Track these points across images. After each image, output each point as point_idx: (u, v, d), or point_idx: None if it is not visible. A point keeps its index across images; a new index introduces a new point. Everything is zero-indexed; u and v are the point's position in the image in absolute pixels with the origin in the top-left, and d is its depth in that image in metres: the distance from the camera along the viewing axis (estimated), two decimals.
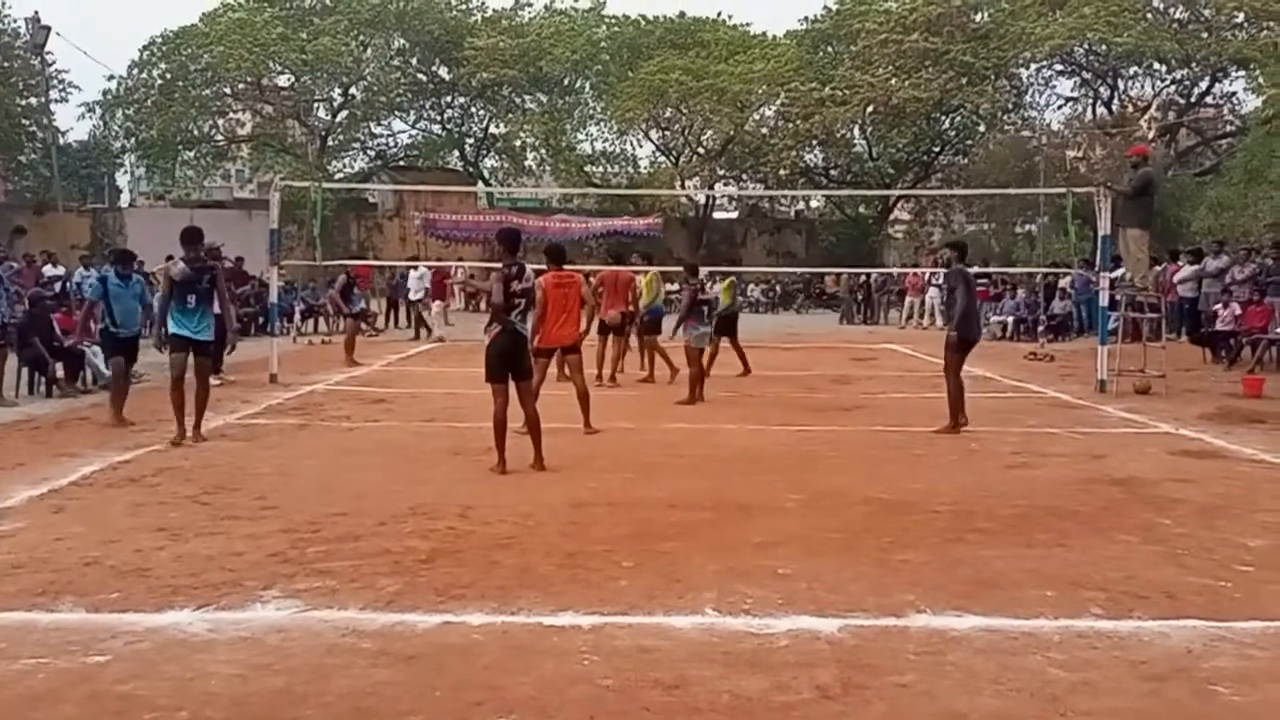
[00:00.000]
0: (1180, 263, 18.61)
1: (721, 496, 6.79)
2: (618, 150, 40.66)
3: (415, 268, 21.63)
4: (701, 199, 39.20)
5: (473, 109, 41.07)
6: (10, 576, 5.03)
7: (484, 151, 42.03)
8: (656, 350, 13.28)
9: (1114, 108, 35.32)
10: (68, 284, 19.48)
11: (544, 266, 9.33)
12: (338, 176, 37.66)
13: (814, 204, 43.20)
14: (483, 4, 40.46)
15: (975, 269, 25.34)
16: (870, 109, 34.65)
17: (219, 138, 39.84)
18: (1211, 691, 3.80)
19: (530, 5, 40.11)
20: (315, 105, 39.76)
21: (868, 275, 28.42)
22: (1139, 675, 3.93)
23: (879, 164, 38.44)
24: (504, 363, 7.63)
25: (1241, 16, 30.79)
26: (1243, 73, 31.83)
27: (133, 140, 38.17)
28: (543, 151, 39.26)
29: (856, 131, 37.44)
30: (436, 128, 41.64)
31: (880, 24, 34.20)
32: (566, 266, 9.64)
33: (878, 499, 6.77)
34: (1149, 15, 31.64)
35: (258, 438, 9.02)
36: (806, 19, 38.80)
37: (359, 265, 21.08)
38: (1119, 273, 13.96)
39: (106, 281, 10.18)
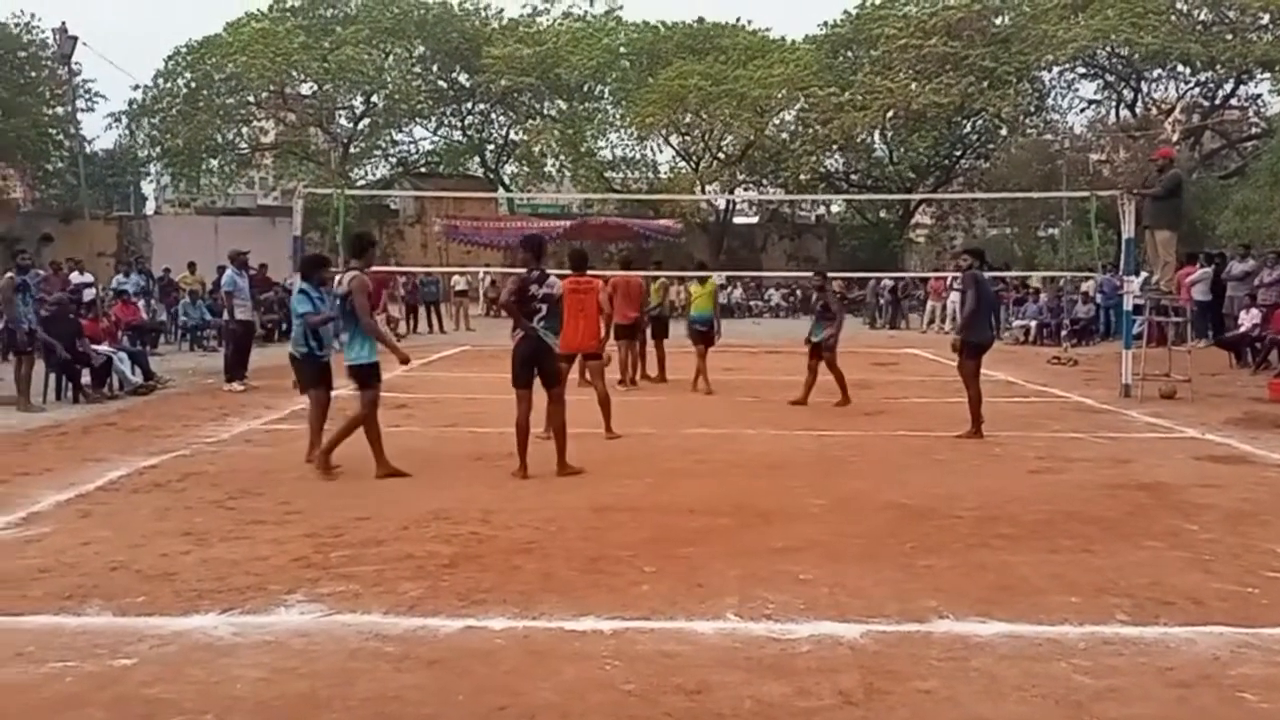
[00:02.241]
0: (1196, 266, 18.44)
1: (743, 501, 6.78)
2: (637, 156, 40.75)
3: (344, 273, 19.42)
4: (722, 204, 39.17)
5: (493, 115, 41.26)
6: (38, 580, 5.09)
7: (504, 158, 42.20)
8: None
9: (1137, 110, 35.04)
10: (95, 289, 19.76)
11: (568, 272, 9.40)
12: (360, 183, 37.89)
13: (835, 209, 43.09)
14: (500, 12, 40.69)
15: (993, 272, 25.28)
16: (890, 114, 34.53)
17: (243, 146, 40.22)
18: (1239, 699, 3.76)
19: (548, 11, 40.29)
20: (337, 113, 40.07)
21: (896, 280, 28.31)
22: (1165, 682, 3.89)
23: (900, 168, 38.30)
24: (526, 368, 7.65)
25: (1267, 18, 30.52)
26: (1268, 75, 31.53)
27: (158, 149, 38.61)
28: (563, 158, 39.36)
29: (877, 136, 37.32)
30: (457, 134, 41.87)
31: (900, 29, 34.11)
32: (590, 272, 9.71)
33: (900, 504, 6.74)
34: (1173, 17, 31.40)
35: (281, 443, 9.08)
36: (826, 24, 38.82)
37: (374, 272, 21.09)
38: (1153, 277, 13.83)
39: (309, 296, 8.20)
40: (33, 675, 3.95)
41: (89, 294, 18.71)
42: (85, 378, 12.09)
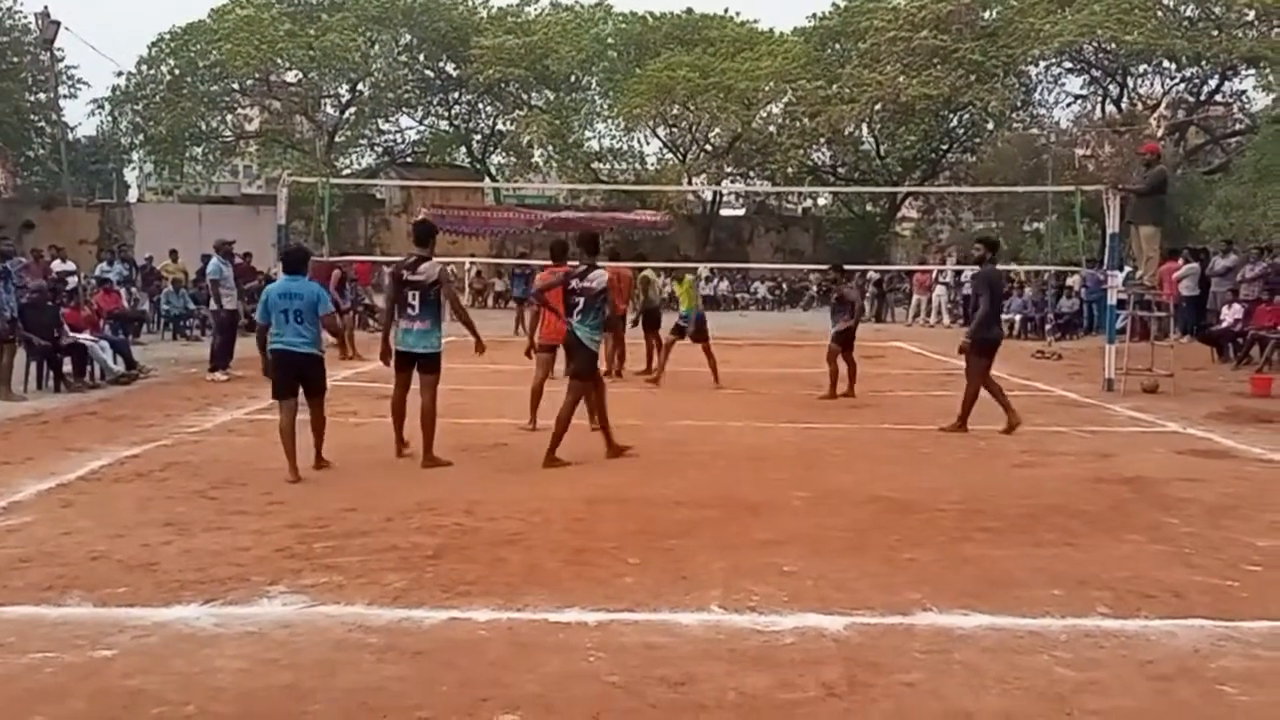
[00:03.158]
0: (1179, 261, 18.54)
1: (728, 494, 6.79)
2: (625, 147, 40.65)
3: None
4: (709, 196, 39.14)
5: (480, 105, 41.05)
6: (18, 570, 5.05)
7: (491, 148, 42.02)
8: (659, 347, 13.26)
9: (1123, 106, 35.17)
10: (77, 277, 19.60)
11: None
12: (345, 173, 37.66)
13: (821, 201, 43.11)
14: (486, 1, 40.45)
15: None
16: (878, 107, 34.53)
17: (227, 134, 39.87)
18: (1219, 691, 3.80)
19: (536, 1, 40.14)
20: (323, 101, 39.78)
21: (882, 273, 28.36)
22: (1146, 675, 3.92)
23: (887, 162, 38.32)
24: (566, 360, 8.05)
25: (1252, 14, 30.65)
26: (1253, 71, 31.68)
27: (141, 136, 38.22)
28: (550, 148, 39.24)
29: (864, 129, 37.31)
30: (444, 124, 41.62)
31: (889, 21, 34.08)
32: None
33: (884, 497, 6.76)
34: (1159, 13, 31.50)
35: (265, 433, 9.01)
36: (814, 16, 38.71)
37: (358, 262, 21.00)
38: (1136, 272, 13.89)
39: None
40: (13, 666, 3.92)
41: (71, 281, 18.58)
42: (66, 366, 12.01)
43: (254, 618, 4.44)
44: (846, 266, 13.39)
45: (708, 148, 38.23)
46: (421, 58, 40.03)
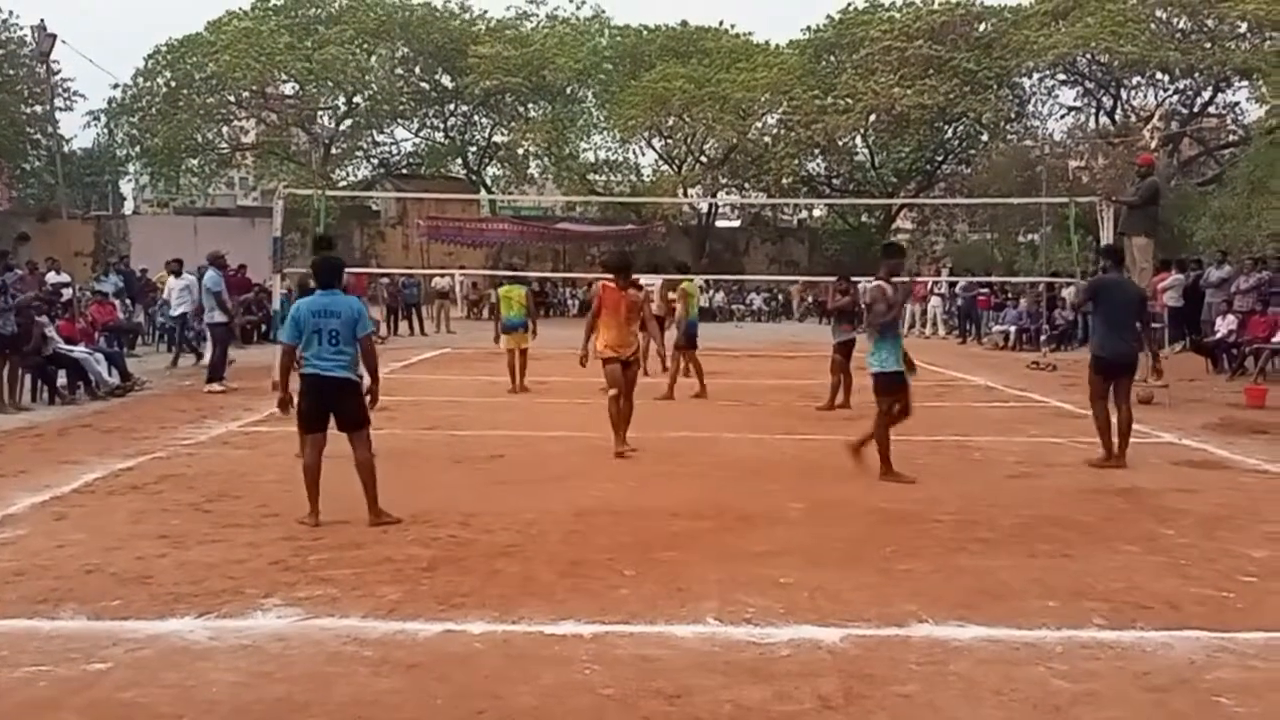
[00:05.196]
0: (1168, 273, 18.58)
1: (723, 505, 6.78)
2: (620, 159, 40.78)
3: (178, 274, 16.35)
4: (704, 207, 39.24)
5: (476, 117, 41.15)
6: (12, 584, 5.04)
7: (487, 159, 42.11)
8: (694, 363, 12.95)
9: (1117, 118, 35.31)
10: (72, 289, 19.57)
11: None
12: (341, 184, 37.69)
13: (816, 213, 43.21)
14: (484, 13, 40.67)
15: (972, 279, 25.43)
16: (873, 117, 34.67)
17: (223, 146, 39.92)
18: (1215, 703, 3.80)
19: (535, 15, 40.32)
20: (319, 113, 39.86)
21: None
22: (1142, 686, 3.92)
23: (881, 173, 38.44)
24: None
25: (1245, 26, 30.83)
26: (1246, 83, 31.85)
27: (137, 148, 38.27)
28: (545, 160, 39.34)
29: (859, 140, 37.46)
30: (440, 135, 41.73)
31: (884, 32, 34.26)
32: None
33: (880, 508, 6.76)
34: (1152, 25, 31.67)
35: (260, 445, 9.02)
36: (809, 28, 38.87)
37: (353, 274, 20.92)
38: None
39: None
40: (6, 680, 3.91)
41: (66, 294, 18.54)
42: (61, 379, 11.97)
43: (248, 630, 4.42)
44: (829, 278, 13.45)
45: (703, 159, 38.35)
46: (417, 70, 40.15)
